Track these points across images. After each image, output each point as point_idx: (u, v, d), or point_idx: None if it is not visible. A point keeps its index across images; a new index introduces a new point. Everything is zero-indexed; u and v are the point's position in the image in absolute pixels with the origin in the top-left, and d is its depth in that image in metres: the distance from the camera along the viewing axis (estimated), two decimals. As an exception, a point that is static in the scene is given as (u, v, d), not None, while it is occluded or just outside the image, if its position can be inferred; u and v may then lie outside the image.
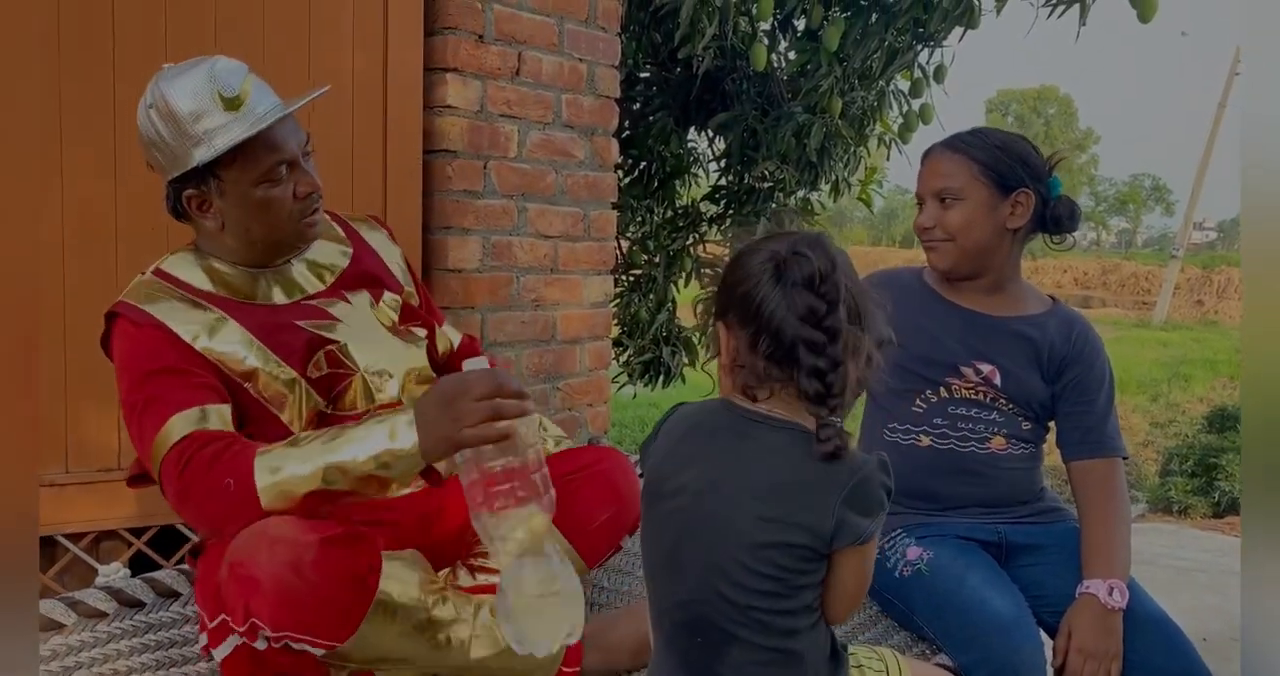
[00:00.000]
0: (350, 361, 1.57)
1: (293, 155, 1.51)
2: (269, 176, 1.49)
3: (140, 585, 1.61)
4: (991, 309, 1.77)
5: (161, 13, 2.14)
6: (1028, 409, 1.77)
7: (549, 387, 2.82)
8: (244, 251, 1.57)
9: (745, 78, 4.09)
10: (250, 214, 1.51)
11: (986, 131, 1.74)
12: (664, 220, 4.65)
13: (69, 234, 2.07)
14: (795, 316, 1.13)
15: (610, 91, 2.89)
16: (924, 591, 1.65)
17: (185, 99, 1.44)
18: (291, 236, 1.57)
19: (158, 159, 1.51)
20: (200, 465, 1.34)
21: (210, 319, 1.50)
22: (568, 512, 1.55)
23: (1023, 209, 1.71)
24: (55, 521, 2.12)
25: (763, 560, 1.14)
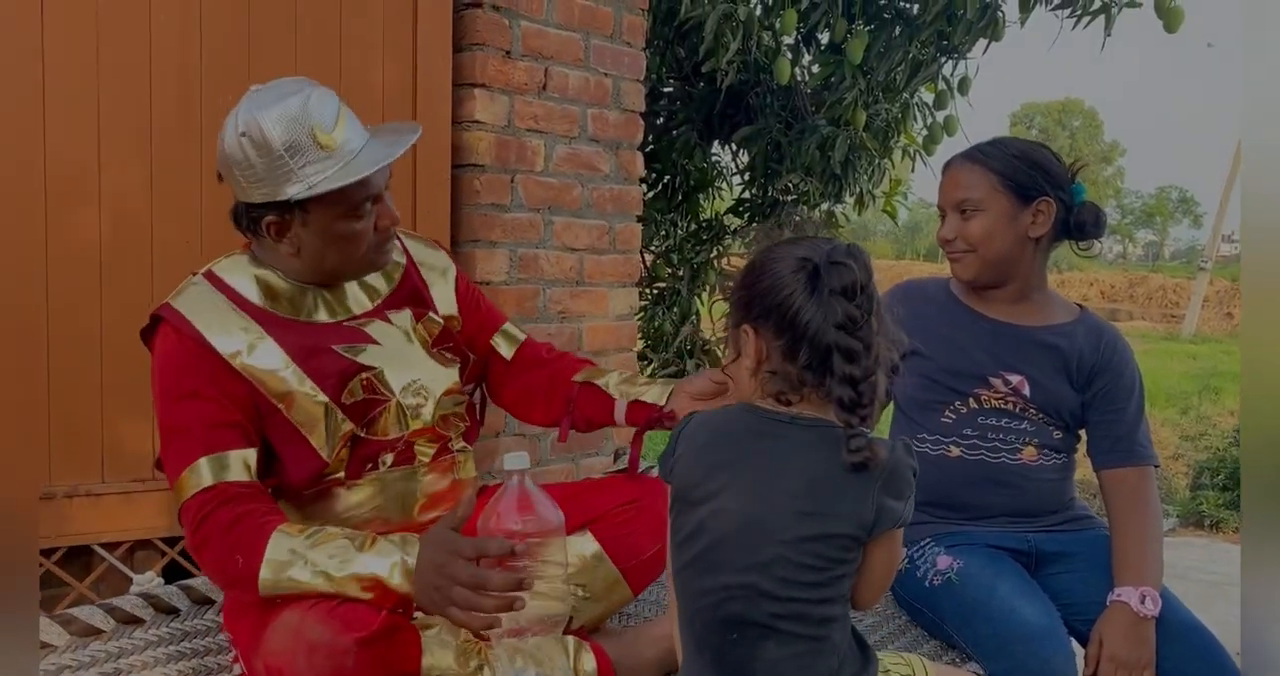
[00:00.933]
0: (386, 388, 1.56)
1: (379, 191, 1.52)
2: (356, 213, 1.50)
3: (176, 592, 1.64)
4: (1018, 318, 1.77)
5: (196, 26, 2.18)
6: (1058, 418, 1.77)
7: (575, 399, 2.83)
8: (308, 273, 1.56)
9: (769, 91, 4.11)
10: (330, 245, 1.52)
11: (1006, 141, 1.75)
12: (688, 233, 4.68)
13: (106, 246, 2.11)
14: (833, 324, 1.15)
15: (635, 106, 2.91)
16: (954, 600, 1.64)
17: (279, 130, 1.42)
18: (365, 265, 1.58)
19: (240, 182, 1.48)
20: (217, 527, 1.38)
21: (251, 337, 1.50)
22: (620, 544, 1.61)
23: (1044, 217, 1.71)
24: (91, 531, 2.15)
25: (806, 553, 1.16)
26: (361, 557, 1.34)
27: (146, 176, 2.15)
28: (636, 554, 1.62)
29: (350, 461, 1.55)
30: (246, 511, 1.39)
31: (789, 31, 3.58)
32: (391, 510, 1.59)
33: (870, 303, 1.16)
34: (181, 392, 1.45)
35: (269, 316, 1.53)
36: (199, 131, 2.20)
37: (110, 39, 2.09)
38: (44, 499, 2.09)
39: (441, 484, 1.64)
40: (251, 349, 1.49)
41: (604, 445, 2.92)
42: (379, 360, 1.57)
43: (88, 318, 2.11)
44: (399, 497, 1.60)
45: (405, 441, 1.59)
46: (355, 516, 1.57)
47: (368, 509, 1.58)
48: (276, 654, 1.30)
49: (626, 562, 1.62)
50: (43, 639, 1.49)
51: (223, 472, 1.42)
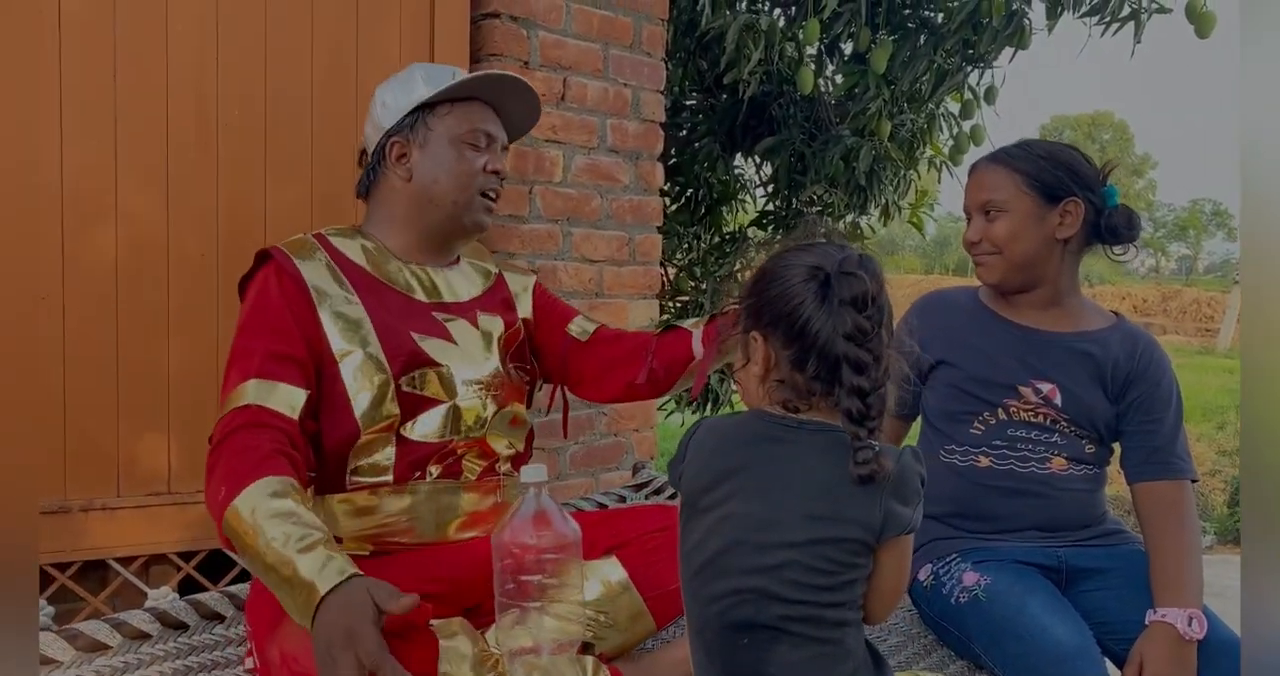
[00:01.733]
0: (448, 387, 1.56)
1: (495, 134, 1.64)
2: (472, 138, 1.61)
3: (185, 607, 1.61)
4: (1049, 325, 1.72)
5: (214, 46, 2.18)
6: (1091, 429, 1.71)
7: (594, 412, 2.80)
8: (411, 220, 1.62)
9: (792, 102, 4.07)
10: (442, 167, 1.59)
11: (1032, 143, 1.71)
12: (711, 246, 4.64)
13: (122, 262, 2.11)
14: (842, 335, 1.12)
15: (655, 116, 2.89)
16: (981, 618, 1.59)
17: (430, 69, 1.64)
18: (466, 206, 1.62)
19: (375, 121, 1.64)
20: (228, 450, 1.36)
21: (344, 291, 1.54)
22: (646, 572, 1.56)
23: (1072, 218, 1.66)
24: (106, 545, 2.14)
25: (816, 556, 1.14)
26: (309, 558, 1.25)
27: (163, 194, 2.14)
28: (662, 584, 1.56)
29: (397, 464, 1.53)
30: (259, 444, 1.36)
31: (811, 41, 3.54)
32: (427, 523, 1.56)
33: (881, 314, 1.14)
34: (260, 323, 1.48)
35: (365, 277, 1.57)
36: (215, 150, 2.19)
37: (127, 56, 2.09)
38: (59, 513, 2.08)
39: (483, 504, 1.61)
40: (341, 299, 1.52)
41: (624, 459, 2.88)
42: (449, 358, 1.57)
43: (104, 333, 2.11)
44: (438, 512, 1.56)
45: (453, 449, 1.56)
46: (392, 525, 1.54)
47: (406, 519, 1.54)
48: (292, 640, 1.28)
49: (651, 592, 1.57)
50: (49, 654, 1.47)
51: (265, 397, 1.42)
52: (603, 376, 1.74)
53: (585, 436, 2.77)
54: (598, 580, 1.55)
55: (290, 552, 1.24)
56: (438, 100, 1.61)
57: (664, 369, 1.67)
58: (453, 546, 1.57)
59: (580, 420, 2.75)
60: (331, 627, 1.18)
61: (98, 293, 2.09)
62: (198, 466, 2.22)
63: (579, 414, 2.74)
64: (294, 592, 1.22)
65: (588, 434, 2.78)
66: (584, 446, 2.77)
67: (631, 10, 2.78)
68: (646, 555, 1.57)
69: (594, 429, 2.80)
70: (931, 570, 1.72)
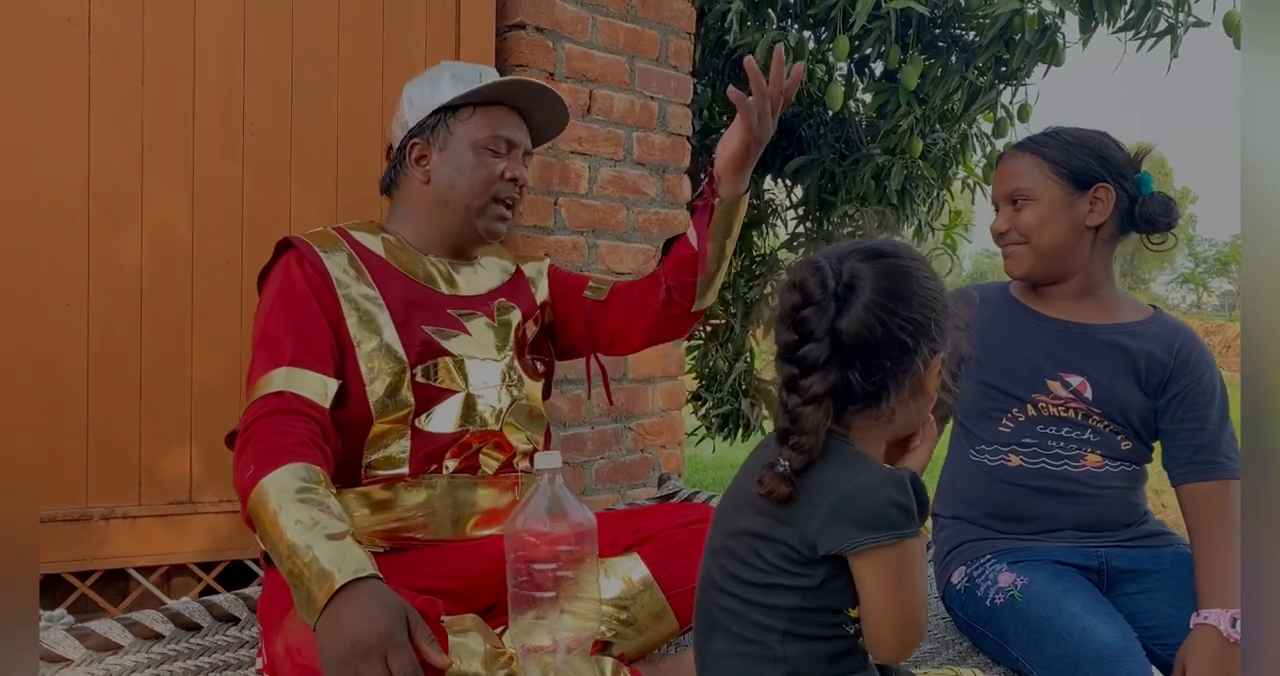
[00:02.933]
0: (460, 378, 1.54)
1: (517, 140, 1.62)
2: (492, 144, 1.59)
3: (198, 608, 1.58)
4: (1081, 317, 1.66)
5: (240, 53, 2.19)
6: (1125, 425, 1.64)
7: (621, 427, 2.76)
8: (429, 220, 1.61)
9: (822, 123, 4.05)
10: (459, 171, 1.59)
11: (1061, 130, 1.67)
12: (741, 269, 4.61)
13: (147, 266, 2.11)
14: (777, 353, 1.10)
15: (682, 130, 2.87)
16: (1018, 619, 1.51)
17: (458, 68, 1.63)
18: (480, 213, 1.60)
19: (401, 119, 1.65)
20: (264, 430, 1.34)
21: (363, 279, 1.53)
22: (668, 568, 1.51)
23: (1102, 205, 1.61)
24: (127, 554, 2.12)
25: (749, 549, 1.10)
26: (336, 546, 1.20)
27: (189, 200, 2.15)
28: (685, 582, 1.50)
29: (412, 457, 1.50)
30: (292, 429, 1.35)
31: (841, 58, 3.52)
32: (444, 519, 1.52)
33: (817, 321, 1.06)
34: (287, 310, 1.47)
35: (385, 269, 1.56)
36: (241, 157, 2.20)
37: (155, 63, 2.10)
38: (80, 521, 2.07)
39: (501, 501, 1.57)
40: (360, 288, 1.52)
41: (650, 475, 2.84)
42: (464, 349, 1.56)
43: (128, 339, 2.10)
44: (455, 507, 1.53)
45: (468, 442, 1.54)
46: (409, 520, 1.51)
47: (422, 514, 1.51)
48: (297, 633, 1.23)
49: (674, 589, 1.51)
50: (59, 652, 1.44)
51: (298, 385, 1.40)
52: (629, 324, 1.71)
53: (611, 451, 2.74)
54: (618, 577, 1.51)
55: (313, 537, 1.20)
56: (461, 103, 1.61)
57: (675, 275, 1.63)
58: (469, 544, 1.53)
59: (606, 434, 2.72)
60: (362, 624, 1.11)
61: (122, 299, 2.10)
62: (220, 475, 2.21)
63: (604, 428, 2.71)
64: (308, 580, 1.18)
65: (614, 449, 2.74)
66: (610, 461, 2.73)
67: (658, 24, 2.78)
68: (669, 551, 1.52)
69: (620, 444, 2.76)
70: (965, 572, 1.66)
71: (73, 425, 2.06)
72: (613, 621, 1.49)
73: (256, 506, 1.26)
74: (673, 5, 2.82)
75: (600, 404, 2.68)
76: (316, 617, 1.16)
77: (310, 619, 1.17)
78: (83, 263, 2.05)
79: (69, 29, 2.02)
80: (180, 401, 2.17)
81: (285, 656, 1.23)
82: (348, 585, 1.16)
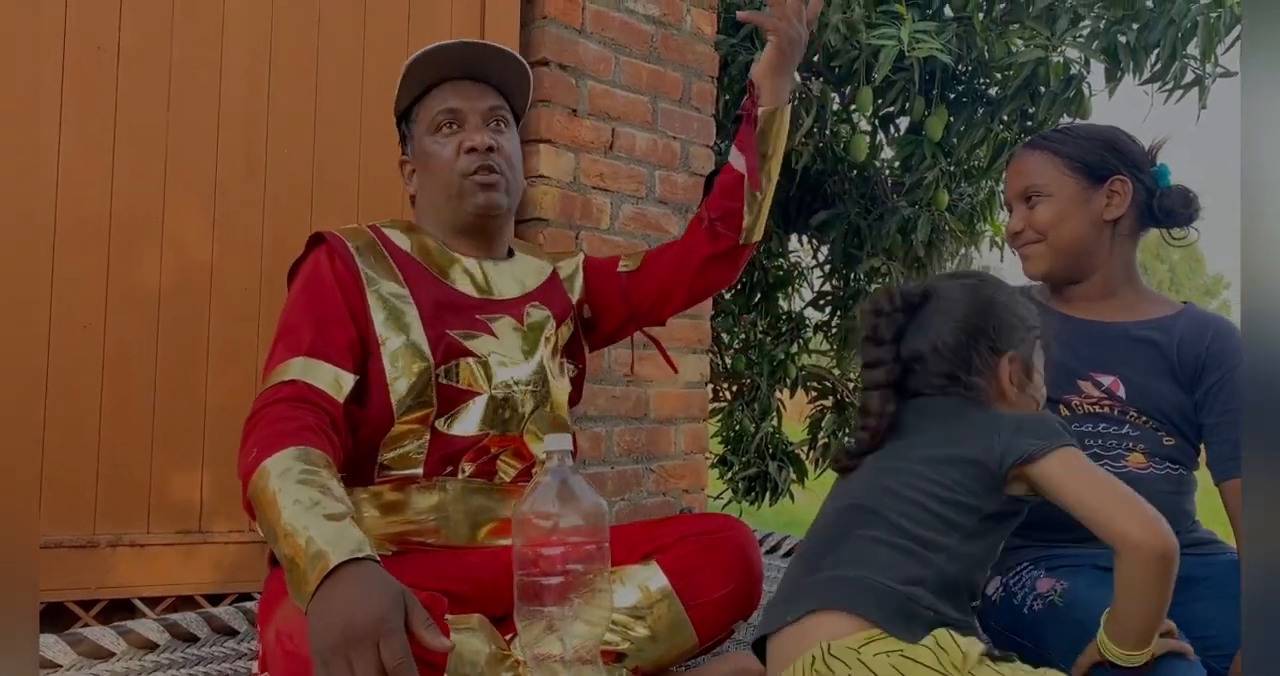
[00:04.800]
0: (483, 379, 1.49)
1: (460, 108, 1.54)
2: (437, 125, 1.54)
3: (196, 619, 1.53)
4: (1107, 315, 1.61)
5: (265, 79, 2.22)
6: (1165, 422, 1.56)
7: (642, 469, 2.70)
8: (439, 224, 1.58)
9: (846, 178, 4.05)
10: (426, 167, 1.56)
11: (1072, 126, 1.64)
12: (766, 328, 4.58)
13: (165, 290, 2.10)
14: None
15: (705, 170, 2.87)
16: (1059, 626, 1.41)
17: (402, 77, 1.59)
18: (460, 195, 1.54)
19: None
20: (271, 416, 1.29)
21: (393, 276, 1.50)
22: (687, 578, 1.45)
23: (1120, 198, 1.56)
24: (133, 583, 2.07)
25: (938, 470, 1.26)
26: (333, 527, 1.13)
27: (209, 226, 2.15)
28: (705, 593, 1.45)
29: (428, 458, 1.45)
30: (300, 416, 1.29)
31: (865, 109, 3.54)
32: (457, 524, 1.47)
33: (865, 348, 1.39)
34: (311, 303, 1.44)
35: (416, 269, 1.53)
36: (263, 183, 2.21)
37: (181, 89, 2.13)
38: (86, 547, 2.02)
39: None
40: (389, 286, 1.48)
41: (673, 449, 2.77)
42: (488, 350, 1.51)
43: (143, 363, 2.09)
44: (469, 513, 1.47)
45: (487, 446, 1.49)
46: (421, 522, 1.45)
47: (434, 518, 1.45)
48: (289, 619, 1.16)
49: (694, 600, 1.45)
50: (48, 656, 1.39)
51: (312, 376, 1.36)
52: (671, 282, 1.67)
53: (632, 493, 2.67)
54: (635, 585, 1.44)
55: (310, 518, 1.14)
56: (408, 105, 1.61)
57: (720, 207, 1.60)
58: (482, 551, 1.47)
59: (627, 475, 2.65)
60: (355, 608, 1.04)
61: (139, 322, 2.08)
62: (231, 504, 2.16)
63: (625, 468, 2.64)
64: (303, 562, 1.11)
65: (634, 491, 2.67)
66: (630, 504, 2.66)
67: (681, 66, 2.80)
68: (689, 559, 1.45)
69: (641, 487, 2.69)
70: (1000, 582, 1.56)
71: (83, 448, 2.03)
72: (628, 632, 1.41)
73: (256, 489, 1.21)
74: (695, 48, 2.84)
75: (619, 442, 2.62)
76: (308, 601, 1.09)
77: (302, 602, 1.10)
78: (101, 285, 2.05)
79: (98, 55, 2.05)
80: (194, 427, 2.14)
81: (275, 643, 1.17)
82: (342, 566, 1.09)
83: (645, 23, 2.70)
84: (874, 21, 3.37)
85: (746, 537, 1.51)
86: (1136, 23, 3.46)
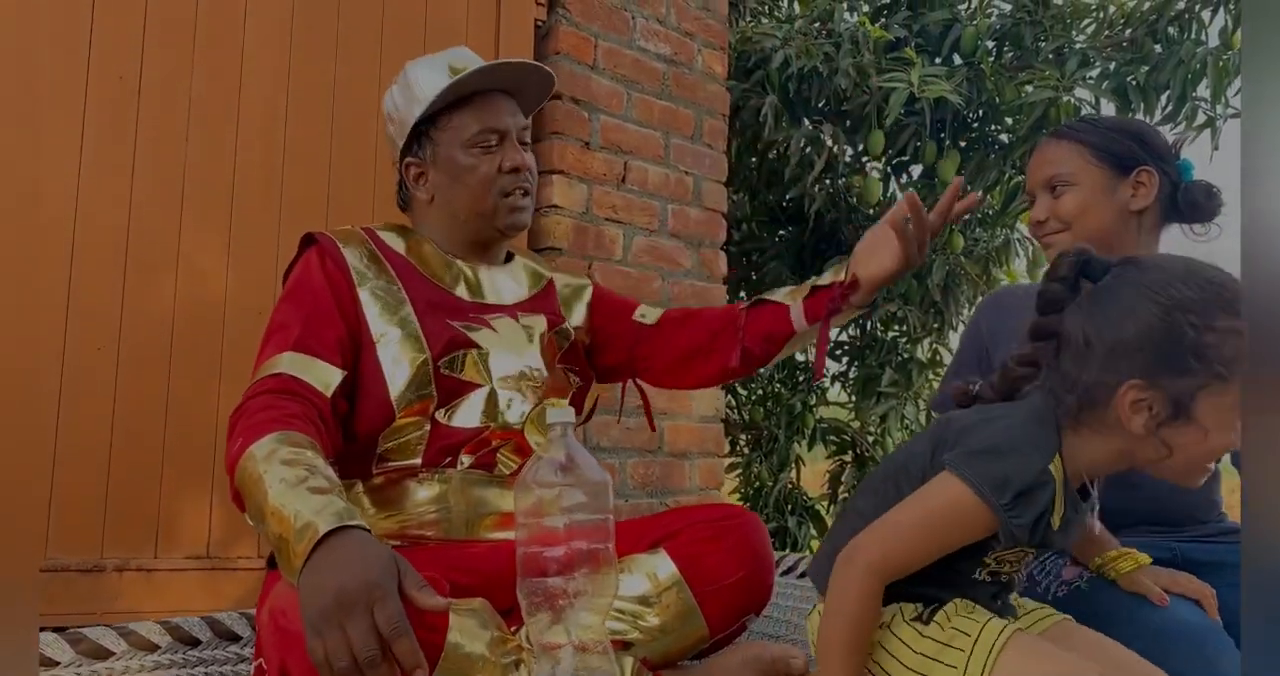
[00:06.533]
0: (484, 371, 1.47)
1: (505, 127, 1.52)
2: (477, 141, 1.51)
3: (199, 623, 1.50)
4: None
5: (283, 110, 2.26)
6: None
7: (657, 502, 2.66)
8: (448, 231, 1.56)
9: (861, 224, 4.07)
10: (456, 180, 1.52)
11: (1097, 117, 1.63)
12: (783, 377, 4.55)
13: (179, 314, 2.11)
14: None
15: (717, 206, 2.89)
16: (1085, 607, 1.34)
17: (422, 70, 1.53)
18: (493, 213, 1.53)
19: (391, 136, 1.58)
20: (257, 406, 1.28)
21: (385, 275, 1.49)
22: (697, 563, 1.40)
23: (1146, 189, 1.55)
24: (139, 610, 2.04)
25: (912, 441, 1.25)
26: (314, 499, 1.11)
27: (224, 251, 2.17)
28: (716, 578, 1.39)
29: (428, 449, 1.43)
30: (286, 405, 1.28)
31: (876, 153, 3.56)
32: (458, 516, 1.44)
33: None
34: (300, 301, 1.43)
35: (408, 268, 1.51)
36: (279, 210, 2.24)
37: (200, 119, 2.17)
38: (93, 572, 2.00)
39: None
40: (381, 282, 1.47)
41: (688, 483, 2.72)
42: (489, 343, 1.49)
43: (155, 386, 2.09)
44: (469, 505, 1.44)
45: (488, 439, 1.46)
46: (420, 515, 1.43)
47: (434, 510, 1.43)
48: (281, 595, 1.13)
49: (704, 587, 1.39)
50: (47, 654, 1.36)
51: (300, 370, 1.34)
52: (687, 362, 1.63)
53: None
54: (643, 574, 1.39)
55: (297, 494, 1.12)
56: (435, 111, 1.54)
57: (760, 346, 1.56)
58: (485, 545, 1.44)
59: (641, 509, 2.61)
60: (345, 574, 1.02)
61: (153, 346, 2.09)
62: (240, 530, 2.14)
63: (639, 502, 2.61)
64: (291, 537, 1.09)
65: (650, 525, 2.64)
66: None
67: (692, 103, 2.84)
68: (699, 545, 1.40)
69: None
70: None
71: (92, 471, 2.02)
72: (636, 621, 1.37)
73: (243, 474, 1.20)
74: (707, 87, 2.89)
75: (632, 475, 2.59)
76: (298, 574, 1.06)
77: (293, 577, 1.07)
78: (116, 307, 2.06)
79: (120, 85, 2.10)
80: (204, 452, 2.13)
81: (269, 620, 1.14)
82: (330, 534, 1.06)
83: (657, 61, 2.75)
84: (884, 66, 3.42)
85: (756, 524, 1.47)
86: (1146, 65, 3.49)
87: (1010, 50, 3.77)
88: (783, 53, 3.35)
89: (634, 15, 2.71)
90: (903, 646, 1.12)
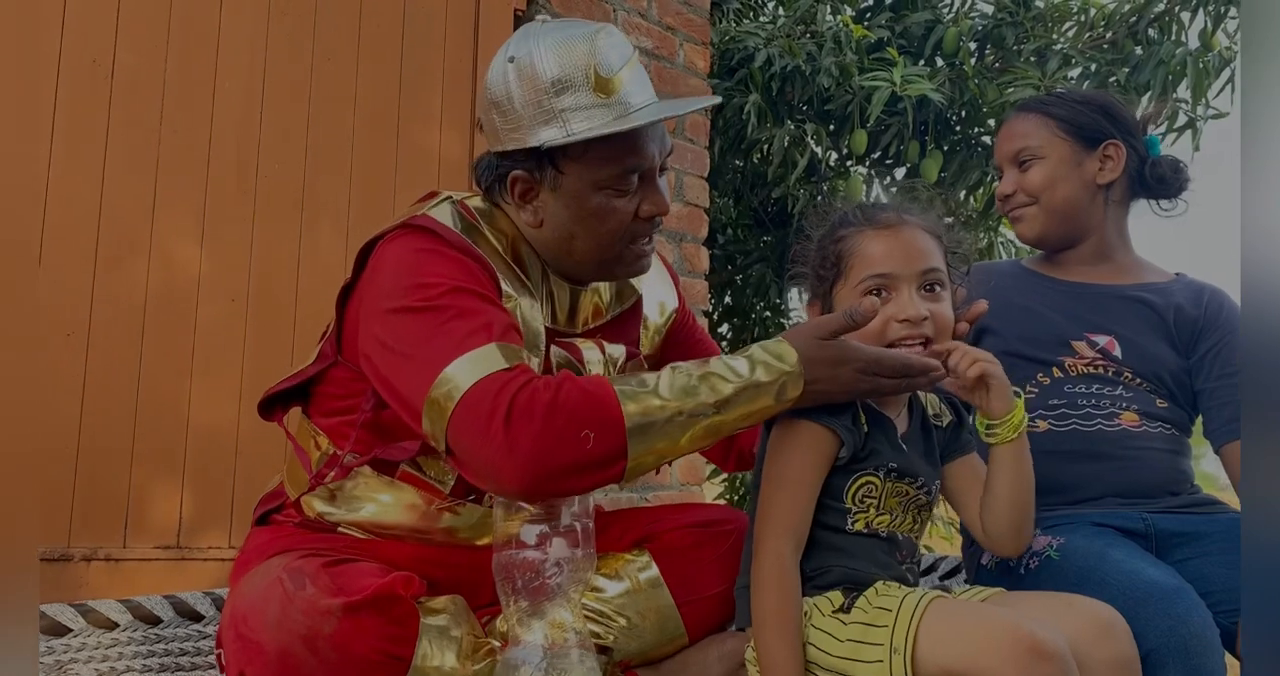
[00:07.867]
0: None
1: (651, 165, 1.27)
2: (617, 184, 1.25)
3: (161, 601, 1.46)
4: (1101, 278, 1.57)
5: (259, 100, 2.24)
6: (1159, 384, 1.51)
7: (638, 497, 2.63)
8: (551, 256, 1.32)
9: (844, 227, 4.06)
10: (580, 221, 1.26)
11: (1066, 91, 1.63)
12: (769, 382, 4.53)
13: (151, 300, 2.08)
14: None
15: (699, 201, 2.88)
16: (1056, 577, 1.31)
17: (554, 63, 1.22)
18: (615, 262, 1.31)
19: (494, 123, 1.27)
20: (538, 405, 1.08)
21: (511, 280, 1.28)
22: (680, 568, 1.34)
23: (1113, 163, 1.54)
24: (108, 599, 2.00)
25: None
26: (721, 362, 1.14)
27: (198, 240, 2.15)
28: (700, 589, 1.33)
29: (457, 483, 1.30)
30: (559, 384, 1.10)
31: (859, 150, 3.56)
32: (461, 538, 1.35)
33: None
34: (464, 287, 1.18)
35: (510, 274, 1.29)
36: (253, 200, 2.21)
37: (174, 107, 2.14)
38: (59, 560, 1.96)
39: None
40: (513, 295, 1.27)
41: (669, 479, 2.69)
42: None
43: (126, 373, 2.06)
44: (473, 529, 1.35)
45: None
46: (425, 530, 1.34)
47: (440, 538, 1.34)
48: (247, 600, 1.10)
49: (686, 597, 1.33)
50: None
51: (516, 356, 1.13)
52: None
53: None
54: (625, 577, 1.33)
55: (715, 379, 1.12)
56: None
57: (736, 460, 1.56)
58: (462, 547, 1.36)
59: (621, 505, 2.58)
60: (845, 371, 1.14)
61: (123, 332, 2.06)
62: (210, 520, 2.11)
63: (619, 497, 2.58)
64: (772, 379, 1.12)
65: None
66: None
67: (674, 97, 2.83)
68: (684, 552, 1.34)
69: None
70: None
71: (61, 458, 1.98)
72: (610, 623, 1.31)
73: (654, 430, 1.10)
74: (689, 82, 2.88)
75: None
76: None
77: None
78: (86, 293, 2.03)
79: (93, 69, 2.08)
80: (175, 441, 2.10)
81: (231, 627, 1.11)
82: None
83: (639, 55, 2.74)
84: (867, 67, 3.42)
85: (744, 534, 1.41)
86: (1126, 66, 3.50)
87: (992, 51, 3.78)
88: (765, 52, 3.35)
89: (615, 8, 2.70)
90: (829, 638, 1.12)
